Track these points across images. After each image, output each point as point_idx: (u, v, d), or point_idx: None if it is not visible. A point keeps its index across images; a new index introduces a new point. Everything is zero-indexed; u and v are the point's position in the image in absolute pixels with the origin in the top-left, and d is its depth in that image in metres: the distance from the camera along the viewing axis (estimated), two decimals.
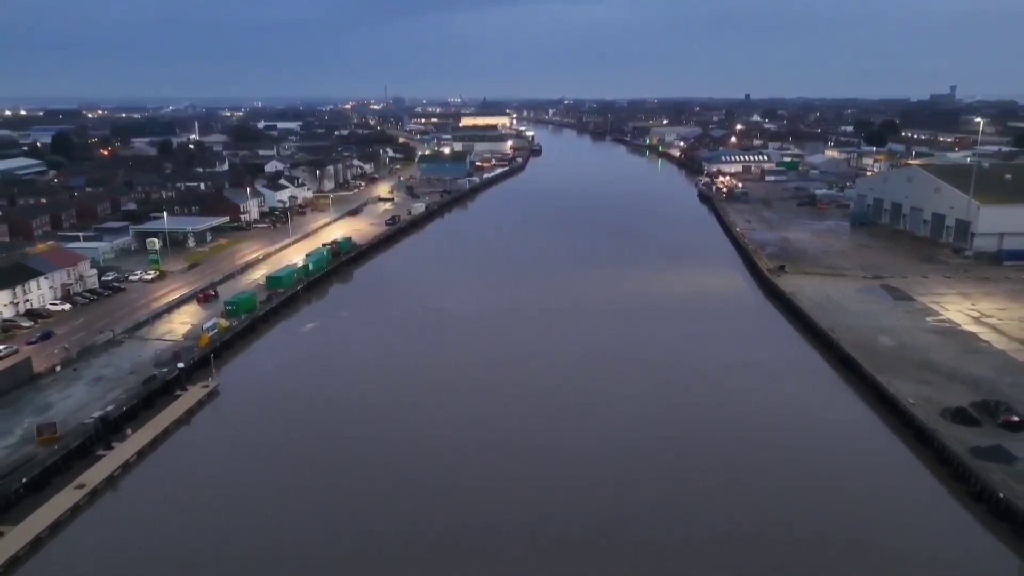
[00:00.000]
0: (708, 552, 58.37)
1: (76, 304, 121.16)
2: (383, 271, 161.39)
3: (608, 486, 67.92)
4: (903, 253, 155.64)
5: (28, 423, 76.22)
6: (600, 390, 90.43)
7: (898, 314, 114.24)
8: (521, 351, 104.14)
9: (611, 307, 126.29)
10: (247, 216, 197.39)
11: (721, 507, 64.44)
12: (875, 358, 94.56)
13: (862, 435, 79.34)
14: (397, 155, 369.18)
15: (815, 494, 66.49)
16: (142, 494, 68.17)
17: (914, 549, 58.58)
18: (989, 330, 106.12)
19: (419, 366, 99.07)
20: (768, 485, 67.96)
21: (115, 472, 69.39)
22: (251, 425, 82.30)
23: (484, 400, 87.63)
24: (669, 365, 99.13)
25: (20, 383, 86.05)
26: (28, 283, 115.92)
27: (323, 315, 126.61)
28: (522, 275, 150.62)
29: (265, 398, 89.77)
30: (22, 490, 64.11)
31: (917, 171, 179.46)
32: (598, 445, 75.81)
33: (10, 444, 72.36)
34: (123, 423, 78.10)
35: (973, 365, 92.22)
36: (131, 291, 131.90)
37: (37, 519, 61.09)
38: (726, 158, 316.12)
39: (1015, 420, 74.85)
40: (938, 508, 65.16)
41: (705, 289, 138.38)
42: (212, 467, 73.00)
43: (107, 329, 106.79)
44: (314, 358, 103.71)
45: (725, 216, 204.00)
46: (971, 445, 70.18)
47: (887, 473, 71.18)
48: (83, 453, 71.82)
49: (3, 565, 55.96)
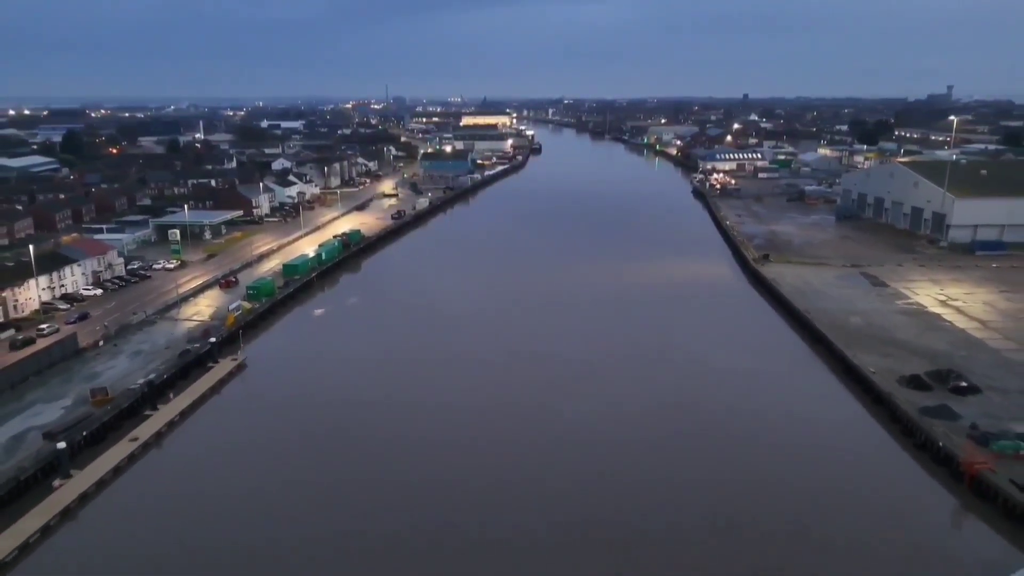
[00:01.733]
0: (693, 494, 67.23)
1: (106, 289, 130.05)
2: (390, 262, 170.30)
3: (613, 462, 76.81)
4: (882, 244, 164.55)
5: (80, 389, 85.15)
6: (596, 370, 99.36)
7: (871, 298, 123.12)
8: (520, 336, 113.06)
9: (606, 294, 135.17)
10: (259, 210, 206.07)
11: (702, 461, 73.25)
12: (845, 336, 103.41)
13: (828, 401, 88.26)
14: (400, 153, 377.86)
15: (783, 449, 75.32)
16: (185, 447, 77.22)
17: (866, 489, 67.39)
18: (953, 311, 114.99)
19: (421, 348, 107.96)
20: (742, 442, 76.73)
21: (162, 429, 78.38)
22: (274, 392, 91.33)
23: (481, 378, 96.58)
24: (659, 347, 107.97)
25: (67, 356, 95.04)
26: (63, 269, 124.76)
27: (333, 302, 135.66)
28: (522, 265, 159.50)
29: (286, 370, 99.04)
30: (83, 442, 72.89)
31: (898, 167, 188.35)
32: (598, 415, 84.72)
33: (67, 406, 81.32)
34: (165, 389, 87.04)
35: (933, 341, 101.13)
36: (155, 278, 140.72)
37: (100, 464, 70.10)
38: (721, 156, 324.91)
39: (963, 385, 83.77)
40: (888, 456, 74.15)
41: (695, 277, 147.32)
42: (242, 426, 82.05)
43: (140, 310, 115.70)
44: (326, 338, 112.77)
45: (717, 211, 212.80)
46: (921, 406, 79.11)
47: (847, 430, 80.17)
48: (132, 413, 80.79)
49: (74, 501, 64.75)
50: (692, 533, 61.30)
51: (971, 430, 72.93)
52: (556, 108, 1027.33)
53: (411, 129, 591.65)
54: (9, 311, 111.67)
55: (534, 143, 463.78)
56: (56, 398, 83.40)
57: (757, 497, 66.21)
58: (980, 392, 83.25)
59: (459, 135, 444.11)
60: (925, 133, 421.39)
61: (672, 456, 74.50)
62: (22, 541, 58.54)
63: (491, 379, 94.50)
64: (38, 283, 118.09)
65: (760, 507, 64.69)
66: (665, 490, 67.95)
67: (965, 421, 75.51)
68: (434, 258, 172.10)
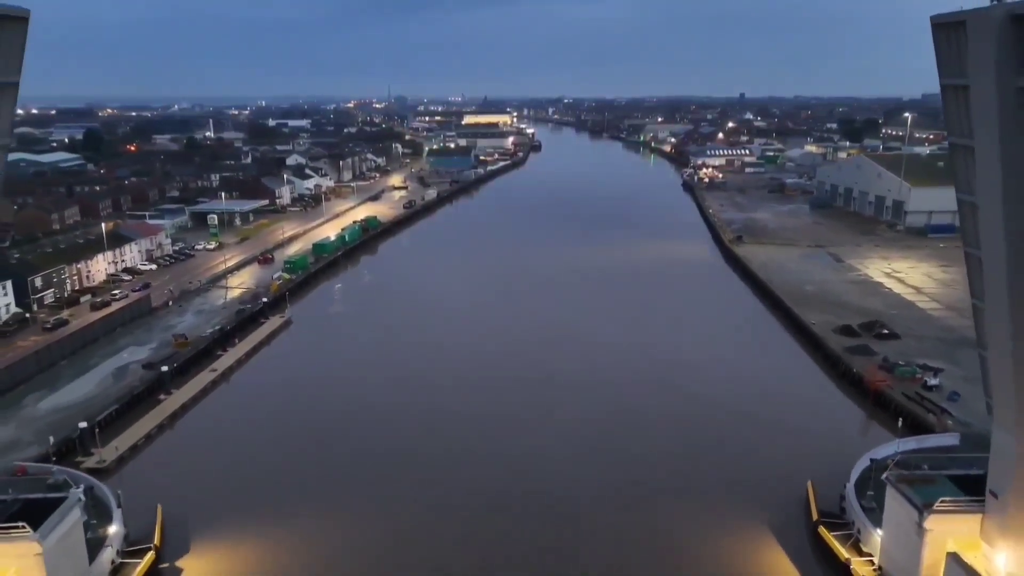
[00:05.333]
0: (671, 410, 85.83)
1: (159, 265, 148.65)
2: (401, 245, 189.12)
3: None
4: (847, 229, 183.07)
5: (162, 336, 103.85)
6: (589, 322, 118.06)
7: (827, 272, 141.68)
8: (519, 309, 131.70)
9: (597, 269, 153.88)
10: (281, 200, 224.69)
11: (667, 392, 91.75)
12: (798, 299, 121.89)
13: (777, 345, 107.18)
14: (406, 150, 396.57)
15: (739, 379, 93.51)
16: (251, 378, 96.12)
17: (799, 402, 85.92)
18: (895, 281, 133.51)
19: (433, 310, 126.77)
20: (704, 376, 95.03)
21: (232, 364, 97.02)
22: (314, 344, 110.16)
23: (482, 337, 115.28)
24: (642, 311, 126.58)
25: (144, 313, 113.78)
26: (124, 247, 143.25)
27: (355, 276, 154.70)
28: (521, 249, 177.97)
29: (323, 327, 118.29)
30: (173, 373, 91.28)
31: (864, 160, 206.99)
32: (589, 373, 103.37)
33: (153, 347, 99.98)
34: (229, 336, 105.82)
35: (872, 303, 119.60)
36: (198, 257, 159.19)
37: (190, 387, 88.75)
38: (711, 152, 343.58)
39: (885, 332, 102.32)
40: (816, 381, 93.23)
41: (676, 255, 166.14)
42: (291, 366, 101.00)
43: (193, 281, 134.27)
44: (352, 304, 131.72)
45: (703, 201, 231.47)
46: (846, 346, 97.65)
47: (788, 364, 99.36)
48: (206, 353, 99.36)
49: (168, 417, 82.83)
50: (668, 437, 79.74)
51: (882, 361, 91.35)
52: (556, 107, 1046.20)
53: (415, 128, 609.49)
54: (83, 280, 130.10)
55: (534, 141, 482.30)
56: (144, 343, 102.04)
57: (718, 401, 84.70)
58: (899, 338, 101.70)
59: (462, 133, 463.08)
60: (912, 131, 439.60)
61: (648, 381, 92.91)
62: (142, 435, 76.98)
63: (495, 330, 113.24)
64: (106, 257, 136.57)
65: (718, 407, 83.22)
66: (644, 412, 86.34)
67: (880, 358, 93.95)
68: (441, 242, 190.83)
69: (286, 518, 62.74)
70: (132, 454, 74.27)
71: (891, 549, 51.65)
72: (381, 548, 59.16)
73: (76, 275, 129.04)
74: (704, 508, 64.52)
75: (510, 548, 59.12)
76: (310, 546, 59.22)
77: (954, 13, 42.08)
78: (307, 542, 59.69)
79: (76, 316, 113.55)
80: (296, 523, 62.01)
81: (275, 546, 59.19)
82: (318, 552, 58.55)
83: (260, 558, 57.74)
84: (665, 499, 66.19)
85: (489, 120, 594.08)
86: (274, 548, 58.92)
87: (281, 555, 58.12)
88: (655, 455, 74.49)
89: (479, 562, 57.54)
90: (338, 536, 60.79)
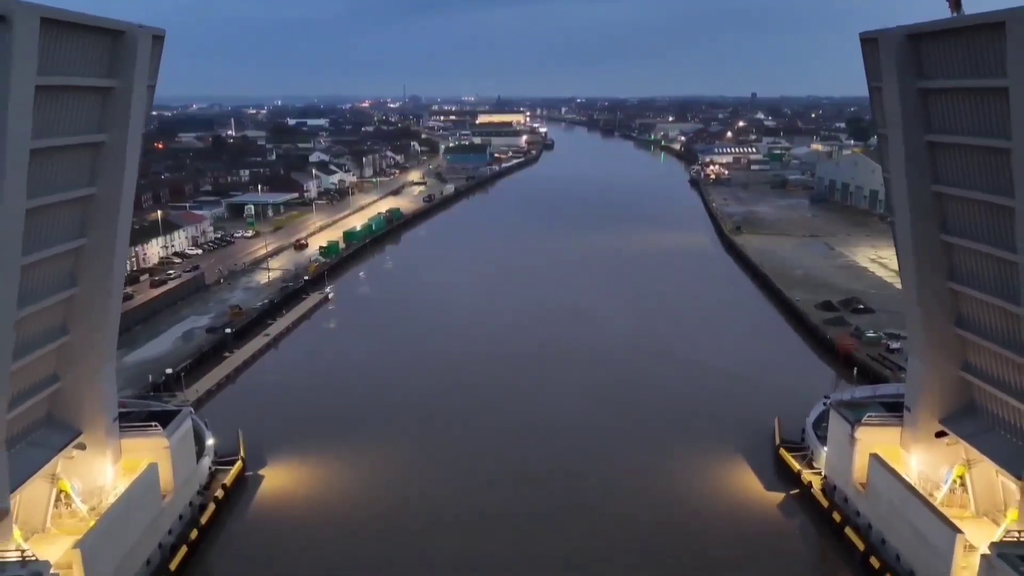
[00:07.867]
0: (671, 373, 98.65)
1: (204, 250, 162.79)
2: (420, 236, 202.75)
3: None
4: (842, 221, 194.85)
5: (218, 308, 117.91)
6: (599, 298, 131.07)
7: (816, 258, 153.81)
8: (534, 291, 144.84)
9: (606, 254, 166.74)
10: (309, 194, 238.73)
11: (664, 357, 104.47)
12: (787, 281, 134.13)
13: (763, 318, 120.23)
14: (423, 148, 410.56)
15: (729, 346, 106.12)
16: (298, 344, 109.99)
17: (778, 364, 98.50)
18: (879, 267, 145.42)
19: (454, 289, 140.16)
20: (698, 345, 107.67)
21: (282, 331, 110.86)
22: (349, 317, 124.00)
23: (496, 318, 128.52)
24: (644, 291, 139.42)
25: (199, 289, 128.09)
26: (174, 233, 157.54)
27: (381, 261, 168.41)
28: (536, 238, 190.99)
29: (359, 302, 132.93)
30: (233, 335, 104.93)
31: (860, 157, 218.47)
32: (599, 340, 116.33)
33: (212, 316, 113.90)
34: (278, 308, 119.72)
35: (855, 284, 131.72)
36: (237, 244, 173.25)
37: (248, 348, 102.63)
38: (719, 150, 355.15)
39: (861, 307, 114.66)
40: (795, 347, 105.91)
41: (680, 244, 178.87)
42: (330, 336, 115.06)
43: (238, 263, 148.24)
44: (380, 283, 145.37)
45: (707, 196, 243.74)
46: (824, 319, 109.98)
47: (772, 333, 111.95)
48: (258, 322, 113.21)
49: (233, 371, 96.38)
50: (659, 404, 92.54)
51: (854, 331, 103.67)
52: (569, 107, 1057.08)
53: (430, 127, 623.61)
54: (140, 262, 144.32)
55: (547, 139, 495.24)
56: (203, 313, 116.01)
57: (709, 365, 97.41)
58: (873, 312, 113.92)
59: (477, 132, 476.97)
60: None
61: (648, 349, 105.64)
62: (214, 383, 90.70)
63: (514, 302, 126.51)
64: (159, 242, 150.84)
65: (708, 370, 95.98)
66: (646, 371, 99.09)
67: (852, 328, 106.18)
68: (458, 233, 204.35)
69: (337, 445, 76.24)
70: (208, 397, 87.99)
71: (832, 460, 64.29)
72: (413, 470, 72.33)
73: (134, 257, 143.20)
74: (690, 440, 77.37)
75: (532, 465, 72.26)
76: (359, 465, 72.81)
77: (871, 32, 54.64)
78: (357, 462, 73.26)
79: (138, 293, 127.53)
80: (345, 450, 75.55)
81: (333, 460, 72.95)
82: (368, 468, 72.06)
83: (323, 470, 71.23)
84: (660, 435, 79.15)
85: (503, 119, 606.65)
86: (332, 462, 72.65)
87: (340, 468, 71.65)
88: (655, 404, 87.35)
89: (506, 479, 70.62)
90: (380, 457, 74.45)
